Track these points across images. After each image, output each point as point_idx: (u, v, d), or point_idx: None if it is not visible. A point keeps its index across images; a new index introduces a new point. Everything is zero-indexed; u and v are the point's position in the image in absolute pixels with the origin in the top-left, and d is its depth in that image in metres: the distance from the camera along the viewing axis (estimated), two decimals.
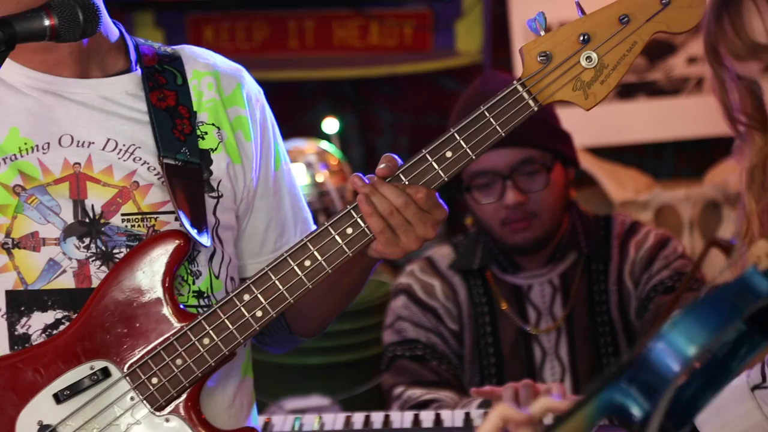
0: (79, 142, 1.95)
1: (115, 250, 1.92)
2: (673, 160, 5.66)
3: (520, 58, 1.94)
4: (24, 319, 1.91)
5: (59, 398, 1.87)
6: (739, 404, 1.91)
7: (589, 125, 5.05)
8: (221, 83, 2.05)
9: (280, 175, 2.09)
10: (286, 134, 2.19)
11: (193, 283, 1.95)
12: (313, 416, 2.69)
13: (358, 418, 2.67)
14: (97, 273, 1.91)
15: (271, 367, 3.73)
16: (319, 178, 4.33)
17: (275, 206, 2.08)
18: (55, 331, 1.90)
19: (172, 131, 1.98)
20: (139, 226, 1.93)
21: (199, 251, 1.96)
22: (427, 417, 2.64)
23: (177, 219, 1.92)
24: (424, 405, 2.84)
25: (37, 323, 1.91)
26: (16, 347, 1.91)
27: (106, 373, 1.88)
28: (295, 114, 5.36)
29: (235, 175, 2.02)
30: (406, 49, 5.42)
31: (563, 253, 3.03)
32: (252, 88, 2.09)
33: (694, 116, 5.26)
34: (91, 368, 1.88)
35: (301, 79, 5.49)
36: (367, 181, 1.88)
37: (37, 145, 1.93)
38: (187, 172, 1.96)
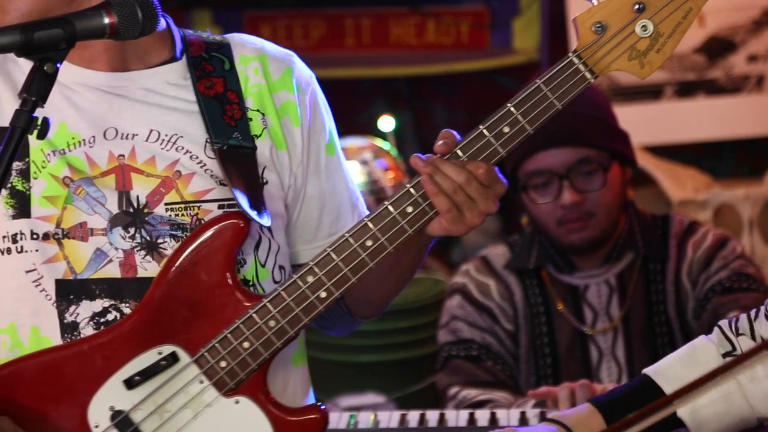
0: (123, 134, 1.96)
1: (159, 240, 1.94)
2: (733, 159, 5.61)
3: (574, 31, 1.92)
4: (73, 308, 1.93)
5: (130, 384, 1.88)
6: (717, 384, 1.90)
7: (647, 123, 5.02)
8: (268, 68, 2.05)
9: (333, 160, 2.09)
10: (342, 132, 2.19)
11: (238, 272, 1.96)
12: (368, 414, 2.70)
13: (413, 416, 2.67)
14: (142, 263, 1.93)
15: (326, 364, 3.73)
16: (375, 176, 4.33)
17: (329, 191, 2.07)
18: (102, 320, 1.92)
19: (222, 117, 1.99)
20: (182, 215, 1.94)
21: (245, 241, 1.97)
22: (482, 416, 2.64)
23: (222, 207, 1.93)
24: (479, 405, 2.83)
25: (85, 311, 1.93)
26: (65, 335, 1.93)
27: (174, 357, 1.89)
28: (351, 112, 5.37)
29: (280, 162, 2.02)
30: (462, 47, 5.41)
31: (620, 253, 3.01)
32: (303, 72, 2.08)
33: (754, 115, 5.21)
34: (159, 353, 1.89)
35: (357, 77, 5.50)
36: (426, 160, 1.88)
37: (84, 140, 1.95)
38: (240, 156, 1.97)
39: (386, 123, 5.03)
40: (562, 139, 2.93)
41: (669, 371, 1.94)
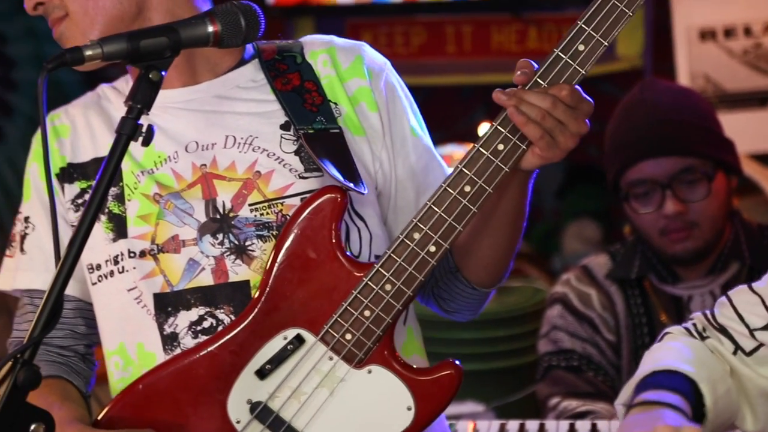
0: (202, 146, 2.00)
1: (246, 242, 1.96)
2: None
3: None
4: (171, 319, 1.97)
5: (262, 373, 1.90)
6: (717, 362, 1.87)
7: (753, 131, 4.93)
8: (337, 58, 2.06)
9: (419, 142, 2.09)
10: (443, 139, 2.19)
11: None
12: (467, 422, 2.69)
13: (512, 425, 2.66)
14: (233, 267, 1.96)
15: None
16: None
17: (421, 172, 2.07)
18: (198, 328, 1.95)
19: (303, 106, 2.01)
20: (266, 213, 1.97)
21: None
22: (583, 427, 2.62)
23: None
24: (579, 416, 2.81)
25: (183, 321, 1.96)
26: (167, 347, 1.96)
27: (300, 340, 1.90)
28: (451, 119, 5.36)
29: (360, 149, 2.03)
30: None
31: (725, 264, 2.96)
32: (375, 59, 2.09)
33: None
34: (285, 338, 1.91)
35: (458, 84, 5.49)
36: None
37: (168, 156, 2.00)
38: (327, 137, 1.99)
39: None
40: (665, 148, 2.90)
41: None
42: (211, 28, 1.81)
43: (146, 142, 1.73)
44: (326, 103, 2.03)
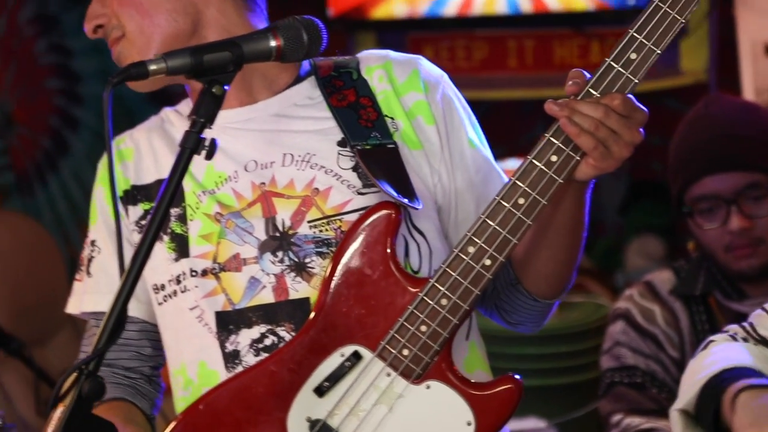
0: (261, 164, 2.00)
1: (306, 259, 1.96)
2: None
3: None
4: (233, 337, 1.97)
5: (321, 391, 1.90)
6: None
7: None
8: (393, 72, 2.06)
9: (477, 153, 2.07)
10: (504, 154, 2.19)
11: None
12: None
13: None
14: (293, 284, 1.95)
15: None
16: None
17: (480, 182, 2.06)
18: (260, 345, 1.95)
19: (358, 122, 2.01)
20: (325, 229, 1.96)
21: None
22: None
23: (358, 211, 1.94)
24: None
25: (244, 339, 1.96)
26: (228, 365, 1.96)
27: (357, 356, 1.90)
28: (513, 133, 5.34)
29: (418, 163, 2.02)
30: None
31: None
32: (431, 72, 2.08)
33: None
34: (342, 355, 1.90)
35: (520, 98, 5.48)
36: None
37: (229, 176, 2.00)
38: (382, 153, 1.98)
39: None
40: (730, 163, 2.87)
41: None
42: (273, 43, 1.81)
43: (209, 156, 1.74)
44: (381, 119, 2.02)
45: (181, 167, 1.72)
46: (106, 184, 2.10)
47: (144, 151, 2.08)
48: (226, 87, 1.77)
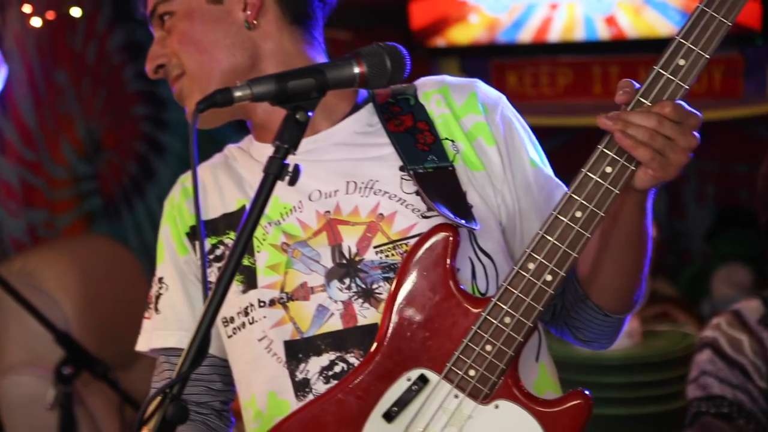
0: (325, 194, 2.01)
1: (374, 285, 1.96)
2: None
3: None
4: (302, 366, 1.97)
5: (390, 416, 1.89)
6: None
7: None
8: (451, 96, 2.06)
9: (540, 172, 2.07)
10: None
11: None
12: None
13: None
14: (361, 311, 1.95)
15: None
16: None
17: (544, 201, 2.05)
18: (330, 373, 1.95)
19: (415, 146, 2.01)
20: (392, 254, 1.96)
21: (459, 269, 1.96)
22: None
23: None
24: None
25: (314, 367, 1.96)
26: (299, 393, 1.96)
27: (424, 380, 1.89)
28: None
29: (480, 184, 2.02)
30: (715, 95, 5.28)
31: None
32: (489, 94, 2.08)
33: None
34: (408, 379, 1.90)
35: None
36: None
37: (293, 207, 2.01)
38: (439, 176, 1.99)
39: None
40: None
41: None
42: (357, 69, 1.81)
43: (292, 182, 1.74)
44: (439, 142, 2.02)
45: (264, 192, 1.73)
46: (173, 222, 2.13)
47: (209, 187, 2.10)
48: (309, 113, 1.78)
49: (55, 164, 5.32)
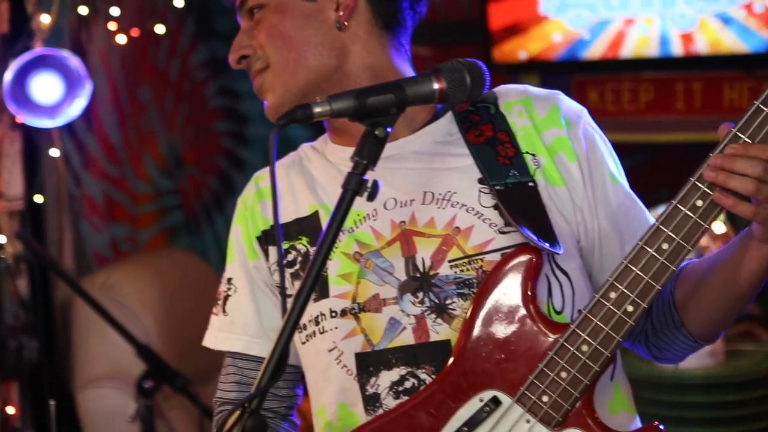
0: (401, 202, 1.99)
1: (447, 301, 1.93)
2: None
3: None
4: (373, 379, 1.95)
5: None
6: None
7: None
8: (533, 108, 2.03)
9: (620, 188, 2.04)
10: (669, 198, 2.13)
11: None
12: None
13: None
14: (434, 326, 1.93)
15: None
16: (703, 243, 4.21)
17: (624, 218, 2.02)
18: (400, 388, 1.93)
19: (496, 159, 1.98)
20: (467, 269, 1.94)
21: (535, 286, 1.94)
22: None
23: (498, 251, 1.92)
24: None
25: (384, 382, 1.95)
26: (368, 407, 1.95)
27: (496, 402, 1.87)
28: (679, 177, 5.25)
29: (560, 200, 1.98)
30: None
31: None
32: (571, 107, 2.05)
33: None
34: (481, 400, 1.88)
35: (686, 141, 5.38)
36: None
37: (367, 214, 1.99)
38: (521, 192, 1.96)
39: None
40: None
41: None
42: (436, 86, 1.81)
43: (371, 198, 1.74)
44: (520, 155, 1.99)
45: (343, 208, 1.73)
46: (245, 224, 2.12)
47: (283, 190, 2.09)
48: (388, 129, 1.78)
49: (138, 179, 5.38)
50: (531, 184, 1.97)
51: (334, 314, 1.98)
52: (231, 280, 2.14)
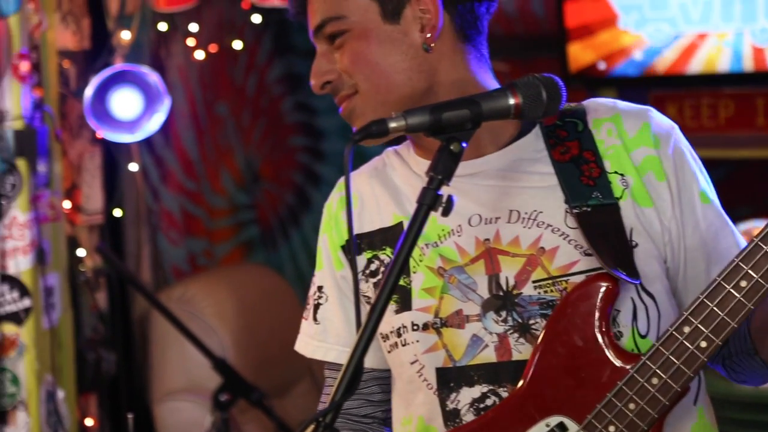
0: (486, 219, 1.97)
1: (530, 321, 1.91)
2: None
3: None
4: (453, 395, 1.94)
5: None
6: None
7: None
8: (623, 126, 1.99)
9: (710, 208, 1.99)
10: (748, 215, 2.10)
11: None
12: None
13: None
14: (516, 346, 1.92)
15: None
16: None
17: (711, 240, 1.97)
18: (481, 405, 1.92)
19: (580, 179, 1.95)
20: (550, 291, 1.91)
21: (619, 311, 1.91)
22: None
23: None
24: None
25: (465, 398, 1.93)
26: (448, 423, 1.94)
27: (563, 428, 1.86)
28: (758, 194, 5.18)
29: (648, 221, 1.95)
30: None
31: None
32: (662, 124, 2.00)
33: None
34: (547, 425, 1.86)
35: (766, 158, 5.31)
36: None
37: (452, 230, 1.98)
38: (602, 214, 1.92)
39: None
40: None
41: None
42: (512, 101, 1.79)
43: (446, 213, 1.73)
44: (604, 176, 1.96)
45: (418, 223, 1.73)
46: (330, 232, 2.12)
47: (367, 199, 2.08)
48: (464, 144, 1.76)
49: (215, 194, 5.43)
50: (614, 206, 1.94)
51: (415, 327, 1.97)
52: (322, 288, 2.13)
